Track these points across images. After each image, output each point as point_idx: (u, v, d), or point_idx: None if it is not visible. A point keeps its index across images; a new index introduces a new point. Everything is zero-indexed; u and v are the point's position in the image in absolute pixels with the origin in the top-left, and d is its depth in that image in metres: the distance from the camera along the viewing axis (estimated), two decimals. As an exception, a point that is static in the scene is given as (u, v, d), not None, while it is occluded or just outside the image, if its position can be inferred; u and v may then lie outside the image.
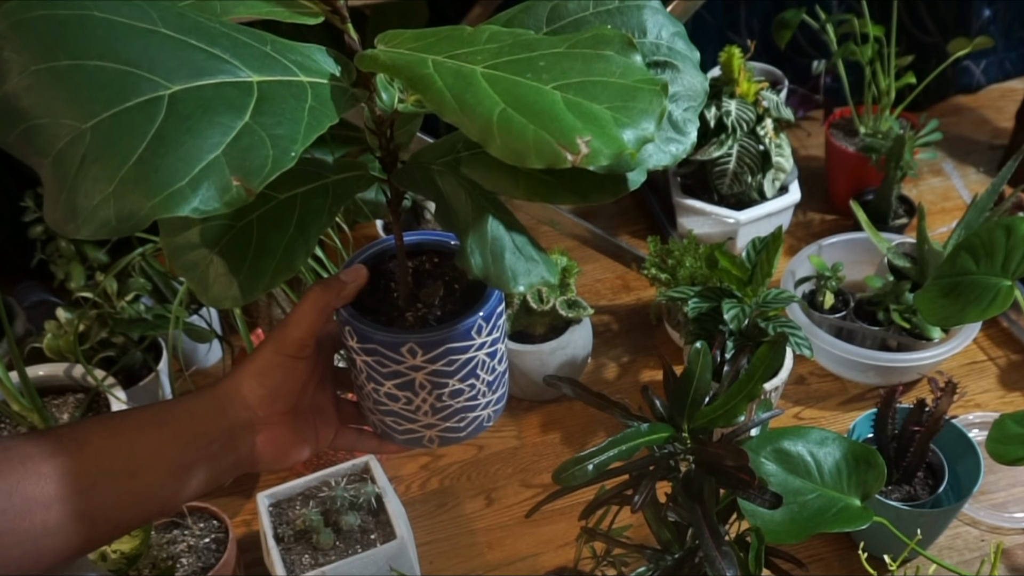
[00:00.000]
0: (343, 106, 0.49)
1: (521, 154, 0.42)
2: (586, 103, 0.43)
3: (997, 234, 0.85)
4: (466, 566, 1.18)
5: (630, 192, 0.54)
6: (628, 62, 0.46)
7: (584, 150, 0.41)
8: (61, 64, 0.42)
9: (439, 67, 0.46)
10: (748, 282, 1.17)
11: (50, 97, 0.42)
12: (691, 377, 0.80)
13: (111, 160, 0.41)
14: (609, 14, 0.56)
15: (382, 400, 0.63)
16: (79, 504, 0.55)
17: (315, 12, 0.52)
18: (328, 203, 0.56)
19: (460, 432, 0.65)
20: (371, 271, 0.64)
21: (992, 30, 1.86)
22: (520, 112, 0.43)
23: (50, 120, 0.42)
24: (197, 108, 0.43)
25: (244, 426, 0.62)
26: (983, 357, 1.42)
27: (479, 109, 0.43)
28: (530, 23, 0.56)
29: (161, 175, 0.41)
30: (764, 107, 1.48)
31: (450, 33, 0.50)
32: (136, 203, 0.41)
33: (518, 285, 0.54)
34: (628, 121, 0.43)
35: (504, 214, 0.56)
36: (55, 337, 1.22)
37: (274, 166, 0.43)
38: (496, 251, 0.54)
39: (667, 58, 0.56)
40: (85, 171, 0.42)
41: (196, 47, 0.45)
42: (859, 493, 0.84)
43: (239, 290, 0.54)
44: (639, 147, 0.43)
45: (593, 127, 0.42)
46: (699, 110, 0.57)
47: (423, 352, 0.59)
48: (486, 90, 0.44)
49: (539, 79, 0.45)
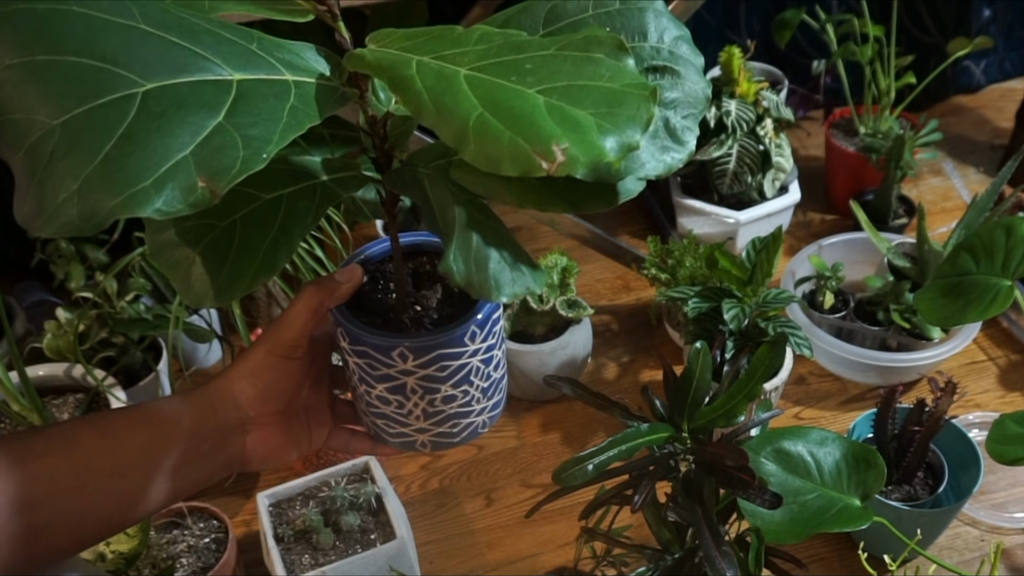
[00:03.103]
0: (329, 106, 0.48)
1: (495, 160, 0.41)
2: (568, 108, 0.42)
3: (997, 234, 0.85)
4: (466, 566, 1.18)
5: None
6: (618, 66, 0.45)
7: (560, 158, 0.40)
8: (37, 59, 0.42)
9: (422, 68, 0.45)
10: (748, 282, 1.17)
11: (24, 92, 0.42)
12: (691, 377, 0.80)
13: (78, 157, 0.41)
14: (609, 16, 0.54)
15: (374, 403, 0.63)
16: (67, 505, 0.54)
17: (305, 10, 0.51)
18: (315, 205, 0.55)
19: (453, 437, 0.65)
20: (370, 271, 0.64)
21: (992, 30, 1.86)
22: (497, 117, 0.41)
23: (23, 116, 0.42)
24: (170, 106, 0.42)
25: (235, 426, 0.62)
26: (983, 357, 1.42)
27: (456, 113, 0.42)
28: (527, 24, 0.55)
29: (126, 174, 0.41)
30: (764, 107, 1.48)
31: (441, 33, 0.49)
32: (99, 202, 0.41)
33: (501, 295, 0.52)
34: (612, 128, 0.41)
35: (491, 221, 0.55)
36: (55, 337, 1.22)
37: (243, 167, 0.42)
38: (480, 259, 0.52)
39: (668, 63, 0.54)
40: (53, 168, 0.41)
41: (176, 44, 0.45)
42: (859, 493, 0.84)
43: (218, 290, 0.53)
44: (622, 155, 0.41)
45: (572, 134, 0.41)
46: (699, 117, 0.55)
47: (414, 357, 0.59)
48: (465, 93, 0.43)
49: (523, 82, 0.43)
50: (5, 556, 0.52)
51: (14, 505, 0.52)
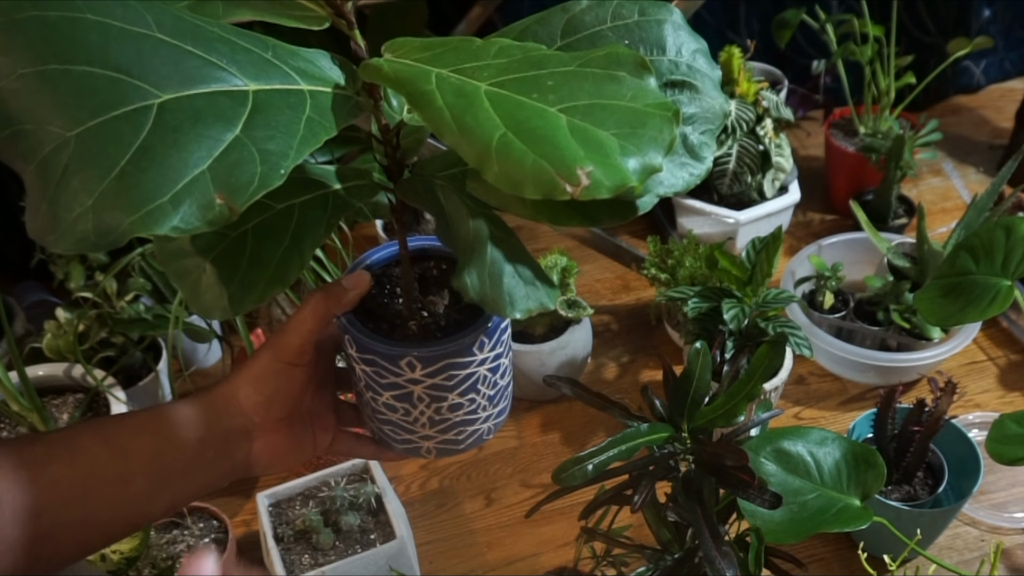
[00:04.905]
0: (345, 116, 0.47)
1: (518, 182, 0.40)
2: (592, 128, 0.41)
3: (997, 234, 0.85)
4: (466, 566, 1.18)
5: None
6: (641, 84, 0.44)
7: (584, 181, 0.39)
8: (50, 68, 0.41)
9: (442, 83, 0.44)
10: (748, 282, 1.17)
11: (37, 102, 0.41)
12: (691, 377, 0.80)
13: (93, 172, 0.40)
14: (627, 28, 0.53)
15: (380, 409, 0.62)
16: (71, 513, 0.54)
17: (321, 17, 0.50)
18: (327, 214, 0.54)
19: (459, 444, 0.64)
20: (376, 275, 0.63)
21: (992, 30, 1.86)
22: (521, 137, 0.40)
23: (36, 126, 0.41)
24: (186, 119, 0.41)
25: (240, 432, 0.61)
26: (983, 357, 1.42)
27: (478, 132, 0.41)
28: (544, 35, 0.54)
29: (142, 190, 0.40)
30: (764, 107, 1.48)
31: (459, 45, 0.48)
32: (115, 219, 0.39)
33: (515, 311, 0.51)
34: (634, 149, 0.40)
35: (507, 235, 0.54)
36: (55, 337, 1.22)
37: (261, 184, 0.42)
38: (495, 274, 0.51)
39: (686, 77, 0.54)
40: (67, 181, 0.40)
41: (191, 53, 0.43)
42: (859, 493, 0.84)
43: (229, 301, 0.52)
44: (644, 179, 0.40)
45: (596, 156, 0.40)
46: (716, 133, 0.54)
47: (422, 366, 0.58)
48: (487, 111, 0.42)
49: (545, 100, 0.42)
50: (8, 564, 0.52)
51: (18, 513, 0.52)
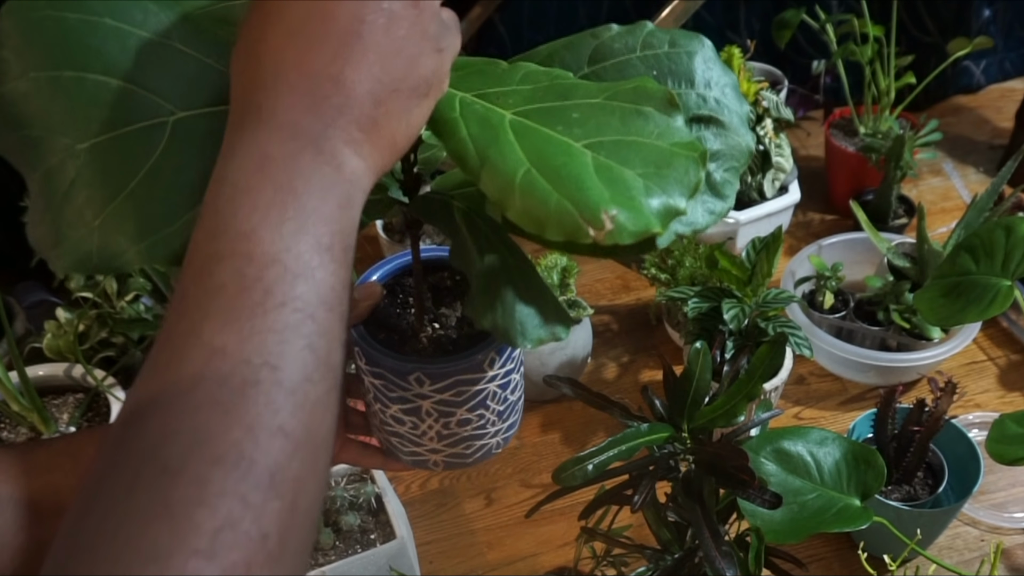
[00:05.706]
0: None
1: (540, 223, 0.39)
2: (617, 167, 0.40)
3: (997, 234, 0.85)
4: (466, 566, 1.18)
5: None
6: (668, 122, 0.42)
7: (608, 226, 0.38)
8: (63, 74, 0.39)
9: (466, 110, 0.43)
10: (748, 282, 1.17)
11: (47, 109, 0.39)
12: (691, 377, 0.80)
13: (101, 190, 0.38)
14: (657, 59, 0.52)
15: (388, 421, 0.62)
16: None
17: None
18: None
19: (467, 459, 0.63)
20: (388, 285, 0.62)
21: (992, 30, 1.86)
22: (545, 175, 0.39)
23: (44, 133, 0.39)
24: (200, 138, 0.39)
25: None
26: (983, 357, 1.42)
27: (502, 167, 0.40)
28: (571, 61, 0.52)
29: (151, 215, 0.38)
30: (764, 107, 1.48)
31: (483, 67, 0.47)
32: (120, 245, 0.38)
33: (527, 342, 0.50)
34: (659, 190, 0.39)
35: (522, 263, 0.52)
36: (55, 337, 1.22)
37: None
38: (508, 303, 0.50)
39: (713, 112, 0.52)
40: (73, 196, 0.38)
41: (210, 66, 0.41)
42: (859, 493, 0.84)
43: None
44: (667, 222, 0.39)
45: (621, 197, 0.39)
46: (741, 171, 0.52)
47: (431, 381, 0.57)
48: (512, 145, 0.40)
49: (571, 133, 0.41)
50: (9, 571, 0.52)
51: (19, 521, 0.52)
